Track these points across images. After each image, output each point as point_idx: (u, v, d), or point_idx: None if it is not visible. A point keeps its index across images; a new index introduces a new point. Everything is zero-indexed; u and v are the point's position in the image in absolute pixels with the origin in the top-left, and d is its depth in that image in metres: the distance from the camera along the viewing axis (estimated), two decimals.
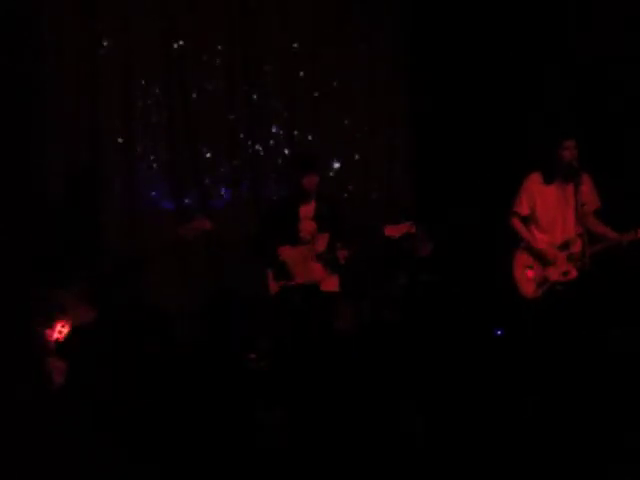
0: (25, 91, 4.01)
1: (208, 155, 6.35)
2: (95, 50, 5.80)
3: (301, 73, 6.75)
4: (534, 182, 5.15)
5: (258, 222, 5.58)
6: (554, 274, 5.03)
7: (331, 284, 5.19)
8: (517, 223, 5.20)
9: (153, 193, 6.12)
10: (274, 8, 6.60)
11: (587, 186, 4.97)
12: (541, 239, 5.13)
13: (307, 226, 5.17)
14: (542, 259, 5.07)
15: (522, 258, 5.18)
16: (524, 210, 5.16)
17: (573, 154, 4.92)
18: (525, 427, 4.02)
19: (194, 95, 6.24)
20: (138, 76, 6.00)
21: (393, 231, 5.02)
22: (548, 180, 5.12)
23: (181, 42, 6.17)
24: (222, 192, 6.42)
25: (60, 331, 4.22)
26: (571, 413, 4.15)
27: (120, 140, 5.93)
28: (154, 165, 6.10)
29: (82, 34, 5.72)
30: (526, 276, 5.13)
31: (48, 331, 4.19)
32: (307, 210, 5.21)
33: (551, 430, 3.97)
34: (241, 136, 6.47)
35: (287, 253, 5.12)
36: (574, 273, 4.99)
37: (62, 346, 4.16)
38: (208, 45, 6.31)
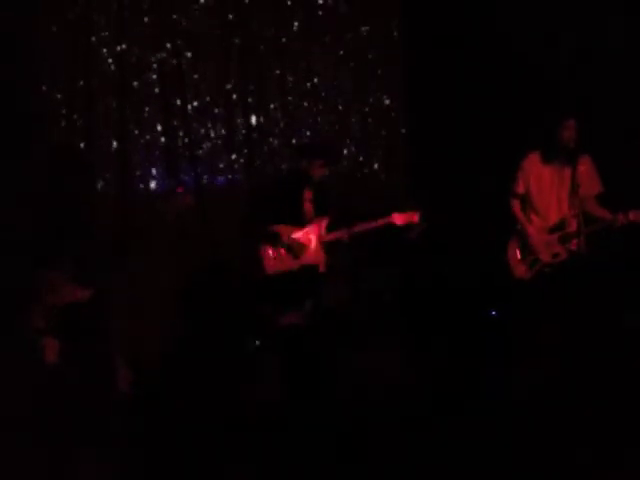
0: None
1: (203, 135, 6.38)
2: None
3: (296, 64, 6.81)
4: (531, 162, 5.16)
5: (256, 199, 5.59)
6: (545, 255, 5.06)
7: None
8: (515, 205, 5.24)
9: (145, 174, 6.12)
10: None
11: (586, 168, 4.95)
12: (536, 222, 5.14)
13: (308, 208, 5.27)
14: (529, 247, 5.12)
15: (516, 240, 5.22)
16: (519, 189, 5.19)
17: (572, 134, 4.92)
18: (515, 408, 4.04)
19: (189, 81, 6.30)
20: (134, 61, 6.04)
21: (399, 219, 5.20)
22: (546, 159, 5.12)
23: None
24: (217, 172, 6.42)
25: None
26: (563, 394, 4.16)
27: (113, 121, 5.96)
28: (147, 146, 6.12)
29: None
30: (516, 257, 5.18)
31: (40, 310, 4.15)
32: (307, 193, 5.30)
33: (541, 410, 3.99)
34: (236, 113, 6.49)
35: (295, 234, 5.17)
36: (564, 255, 5.01)
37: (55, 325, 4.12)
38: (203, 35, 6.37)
